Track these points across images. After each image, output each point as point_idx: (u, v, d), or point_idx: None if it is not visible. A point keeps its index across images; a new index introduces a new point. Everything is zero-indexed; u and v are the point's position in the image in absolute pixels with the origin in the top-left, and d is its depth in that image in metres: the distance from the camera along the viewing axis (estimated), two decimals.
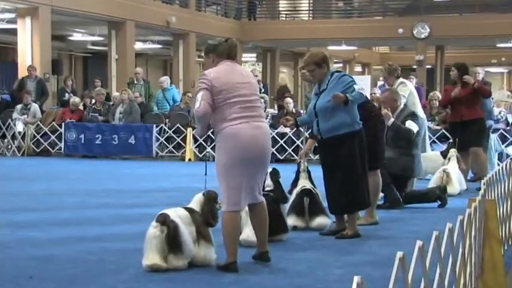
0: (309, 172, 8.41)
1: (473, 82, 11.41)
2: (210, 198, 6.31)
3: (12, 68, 25.11)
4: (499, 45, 35.06)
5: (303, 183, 8.27)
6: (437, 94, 17.48)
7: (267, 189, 7.51)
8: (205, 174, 6.06)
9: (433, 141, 15.54)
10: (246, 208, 6.33)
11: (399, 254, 2.46)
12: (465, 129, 11.52)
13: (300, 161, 8.49)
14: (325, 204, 7.97)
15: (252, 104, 6.10)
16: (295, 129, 16.64)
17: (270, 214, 6.92)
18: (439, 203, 9.96)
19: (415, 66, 31.91)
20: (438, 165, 12.00)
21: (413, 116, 9.78)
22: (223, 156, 5.99)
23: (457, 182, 11.39)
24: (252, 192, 6.12)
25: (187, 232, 6.00)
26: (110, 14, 24.28)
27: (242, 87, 6.08)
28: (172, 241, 5.90)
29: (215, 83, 5.98)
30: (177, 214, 6.04)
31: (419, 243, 2.72)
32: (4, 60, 30.22)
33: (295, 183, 8.33)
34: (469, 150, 11.56)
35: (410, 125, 9.57)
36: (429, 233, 3.10)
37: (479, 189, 9.99)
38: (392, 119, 9.46)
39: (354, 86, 7.42)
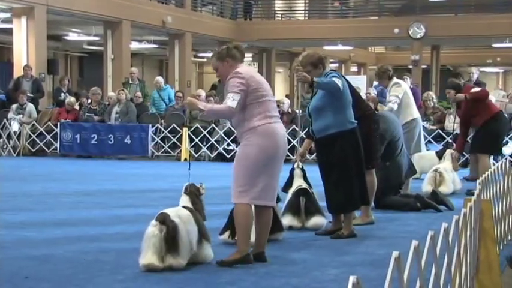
0: (303, 171, 8.43)
1: (464, 96, 11.32)
2: (196, 193, 6.35)
3: (7, 67, 25.09)
4: (494, 45, 35.10)
5: (299, 182, 8.29)
6: (432, 94, 17.48)
7: None
8: (189, 168, 6.14)
9: (429, 141, 15.58)
10: None
11: (395, 253, 2.47)
12: (476, 134, 11.51)
13: (296, 161, 8.50)
14: (322, 203, 8.00)
15: (275, 105, 6.43)
16: (291, 129, 16.65)
17: None
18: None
19: (410, 66, 31.93)
20: (433, 164, 12.05)
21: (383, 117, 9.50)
22: (255, 151, 6.10)
23: (451, 181, 11.41)
24: (271, 193, 6.24)
25: (186, 232, 6.01)
26: (105, 14, 24.26)
27: (269, 88, 6.34)
28: (170, 241, 5.90)
29: (251, 81, 6.16)
30: (177, 214, 6.05)
31: (415, 243, 2.73)
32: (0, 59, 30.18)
33: (289, 182, 8.34)
34: (477, 156, 11.47)
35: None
36: (425, 232, 3.11)
37: (470, 192, 9.96)
38: None
39: (333, 78, 7.43)
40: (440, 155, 12.60)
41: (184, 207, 6.24)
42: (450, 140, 15.21)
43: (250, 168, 6.11)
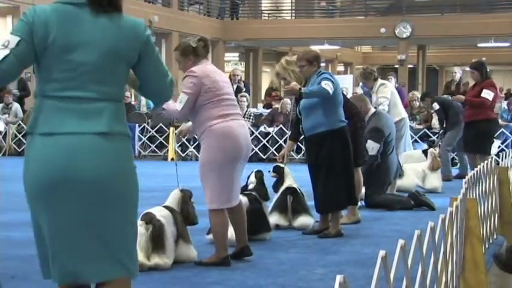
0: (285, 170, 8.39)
1: (464, 99, 11.35)
2: (188, 197, 6.35)
3: None
4: (479, 44, 35.21)
5: (289, 182, 8.26)
6: (417, 94, 17.53)
7: (250, 186, 7.55)
8: (176, 164, 6.11)
9: (415, 141, 15.61)
10: None
11: (381, 253, 2.47)
12: (469, 130, 11.54)
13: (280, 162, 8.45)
14: (311, 203, 8.00)
15: (235, 103, 6.28)
16: (278, 128, 16.65)
17: (253, 213, 6.97)
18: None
19: (397, 66, 32.02)
20: (414, 164, 12.17)
21: (376, 132, 9.56)
22: (216, 154, 5.99)
23: (413, 178, 11.51)
24: (237, 192, 6.23)
25: (170, 232, 6.02)
26: None
27: (227, 86, 6.21)
28: (156, 240, 5.91)
29: (205, 81, 6.02)
30: (160, 214, 6.06)
31: (401, 242, 2.73)
32: None
33: (279, 182, 8.30)
34: (476, 156, 11.50)
35: (369, 147, 9.46)
36: (411, 231, 3.11)
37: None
38: None
39: (322, 81, 7.41)
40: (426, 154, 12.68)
41: (165, 206, 6.24)
42: (436, 139, 15.24)
43: (215, 173, 6.01)
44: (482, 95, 11.31)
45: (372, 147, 9.50)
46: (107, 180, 3.17)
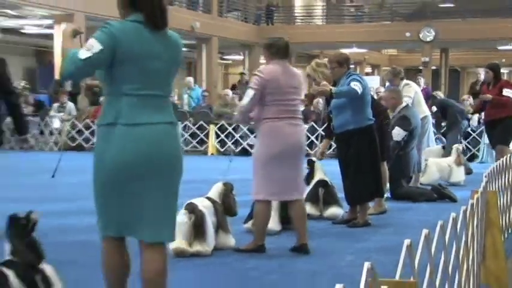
0: (315, 164, 8.38)
1: (490, 98, 11.20)
2: (230, 190, 6.37)
3: (50, 70, 25.23)
4: (499, 47, 34.85)
5: (320, 175, 8.26)
6: (440, 94, 17.39)
7: None
8: (231, 160, 6.10)
9: (438, 137, 15.49)
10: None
11: (407, 241, 2.45)
12: (493, 127, 11.41)
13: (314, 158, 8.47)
14: (341, 195, 7.98)
15: (293, 106, 6.13)
16: (309, 125, 16.63)
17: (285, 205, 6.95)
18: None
19: (421, 68, 31.77)
20: (438, 157, 12.15)
21: (404, 120, 9.58)
22: (262, 150, 6.03)
23: (435, 173, 11.45)
24: (290, 187, 6.11)
25: (211, 222, 6.05)
26: None
27: (290, 89, 6.09)
28: (198, 228, 5.94)
29: (269, 82, 6.00)
30: (202, 204, 6.08)
31: (425, 231, 2.71)
32: (43, 63, 30.37)
33: (310, 175, 8.29)
34: (496, 148, 11.41)
35: (395, 132, 9.46)
36: (435, 222, 3.09)
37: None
38: None
39: (352, 82, 7.38)
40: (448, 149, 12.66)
41: (207, 198, 6.26)
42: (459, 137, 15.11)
43: (261, 166, 6.02)
44: (504, 93, 11.18)
45: (398, 133, 9.48)
46: (176, 156, 3.75)
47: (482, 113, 12.45)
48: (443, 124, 15.20)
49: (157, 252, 3.74)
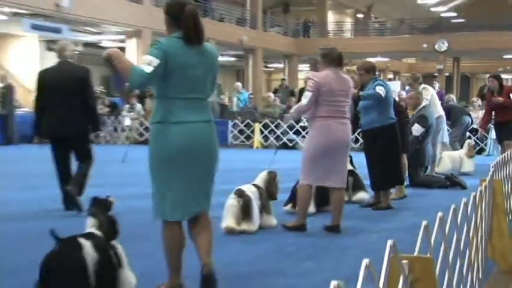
0: (350, 157, 8.33)
1: (502, 101, 10.96)
2: (273, 178, 6.35)
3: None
4: (504, 56, 34.22)
5: (348, 166, 8.19)
6: (452, 97, 17.14)
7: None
8: (275, 153, 6.09)
9: (451, 133, 15.26)
10: None
11: (424, 222, 2.42)
12: (502, 128, 11.22)
13: None
14: (366, 182, 7.92)
15: (342, 109, 6.08)
16: None
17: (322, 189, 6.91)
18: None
19: (436, 74, 31.38)
20: (452, 152, 12.04)
21: (422, 118, 9.49)
22: (310, 143, 6.04)
23: (449, 163, 11.39)
24: (334, 176, 6.04)
25: (256, 205, 6.05)
26: None
27: (340, 92, 6.05)
28: (245, 210, 5.96)
29: (322, 85, 5.97)
30: (249, 190, 6.09)
31: (439, 214, 2.67)
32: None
33: None
34: (504, 143, 11.24)
35: (414, 128, 9.38)
36: (448, 206, 3.04)
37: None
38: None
39: (377, 87, 7.32)
40: (461, 144, 12.53)
41: (254, 184, 6.26)
42: (468, 133, 14.89)
43: (308, 157, 6.03)
44: None
45: (417, 129, 9.41)
46: (212, 148, 3.97)
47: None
48: (448, 122, 15.10)
49: (208, 218, 4.06)
